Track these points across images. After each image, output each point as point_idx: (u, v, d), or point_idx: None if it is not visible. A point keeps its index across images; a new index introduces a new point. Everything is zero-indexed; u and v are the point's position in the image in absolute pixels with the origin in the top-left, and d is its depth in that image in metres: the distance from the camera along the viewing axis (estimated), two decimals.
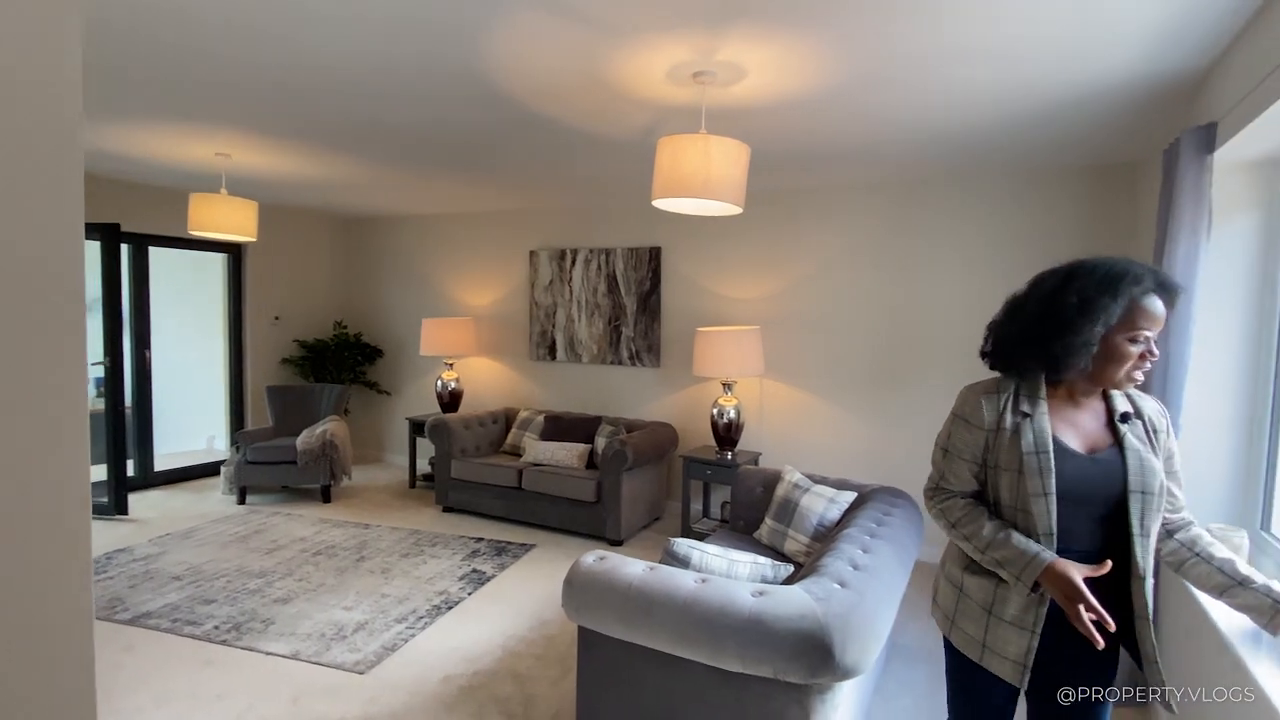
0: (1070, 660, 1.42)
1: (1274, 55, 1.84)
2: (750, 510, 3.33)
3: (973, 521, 1.42)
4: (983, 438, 1.43)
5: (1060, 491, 1.34)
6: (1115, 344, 1.32)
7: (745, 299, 4.67)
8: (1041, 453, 1.34)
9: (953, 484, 1.49)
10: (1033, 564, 1.30)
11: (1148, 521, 1.33)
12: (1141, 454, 1.36)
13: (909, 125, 2.98)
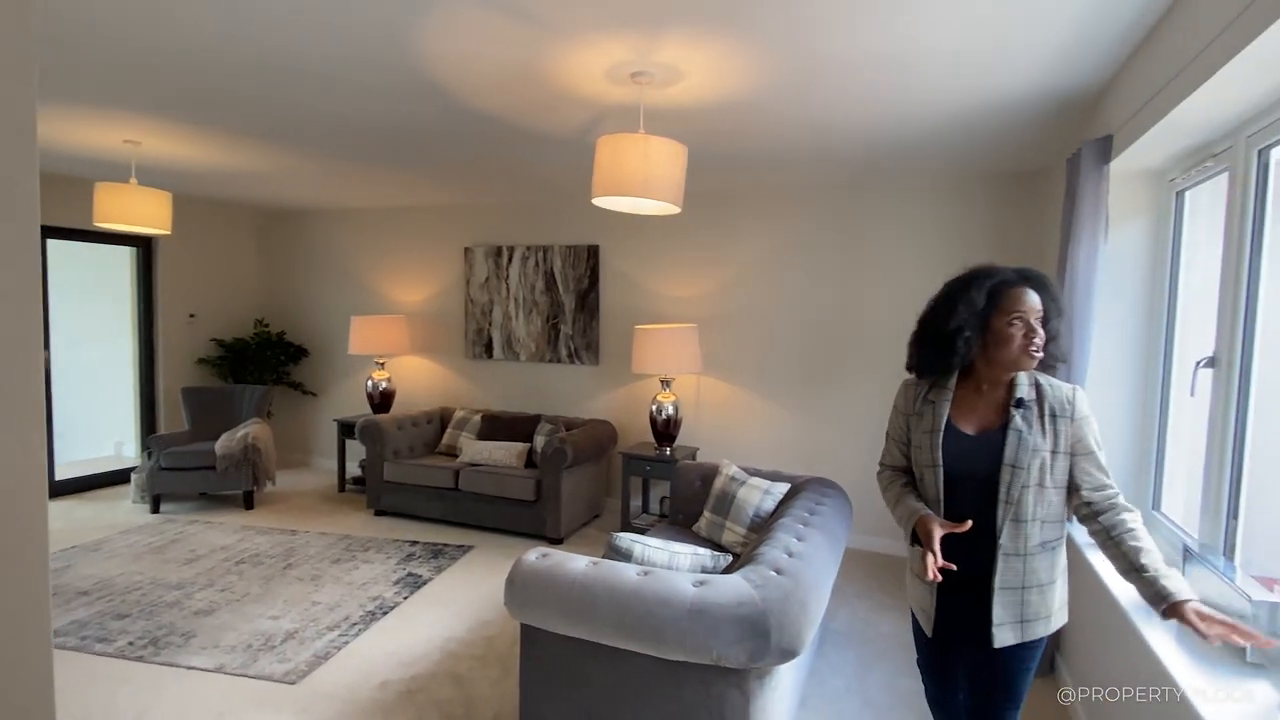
0: (960, 613, 1.63)
1: (1159, 78, 2.02)
2: (689, 504, 3.39)
3: (890, 489, 1.73)
4: (905, 420, 1.71)
5: (946, 465, 1.58)
6: (997, 328, 1.53)
7: (683, 297, 4.75)
8: (934, 432, 1.60)
9: (889, 460, 1.79)
10: (910, 518, 1.59)
11: (1014, 492, 1.52)
12: (1022, 434, 1.53)
13: (837, 130, 3.10)
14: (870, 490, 4.28)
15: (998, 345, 1.54)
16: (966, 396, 1.63)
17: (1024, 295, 1.53)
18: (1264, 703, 1.45)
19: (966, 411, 1.61)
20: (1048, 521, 1.55)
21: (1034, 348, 1.52)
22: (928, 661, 1.82)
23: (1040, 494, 1.53)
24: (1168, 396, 2.56)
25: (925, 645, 1.78)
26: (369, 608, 3.33)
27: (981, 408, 1.61)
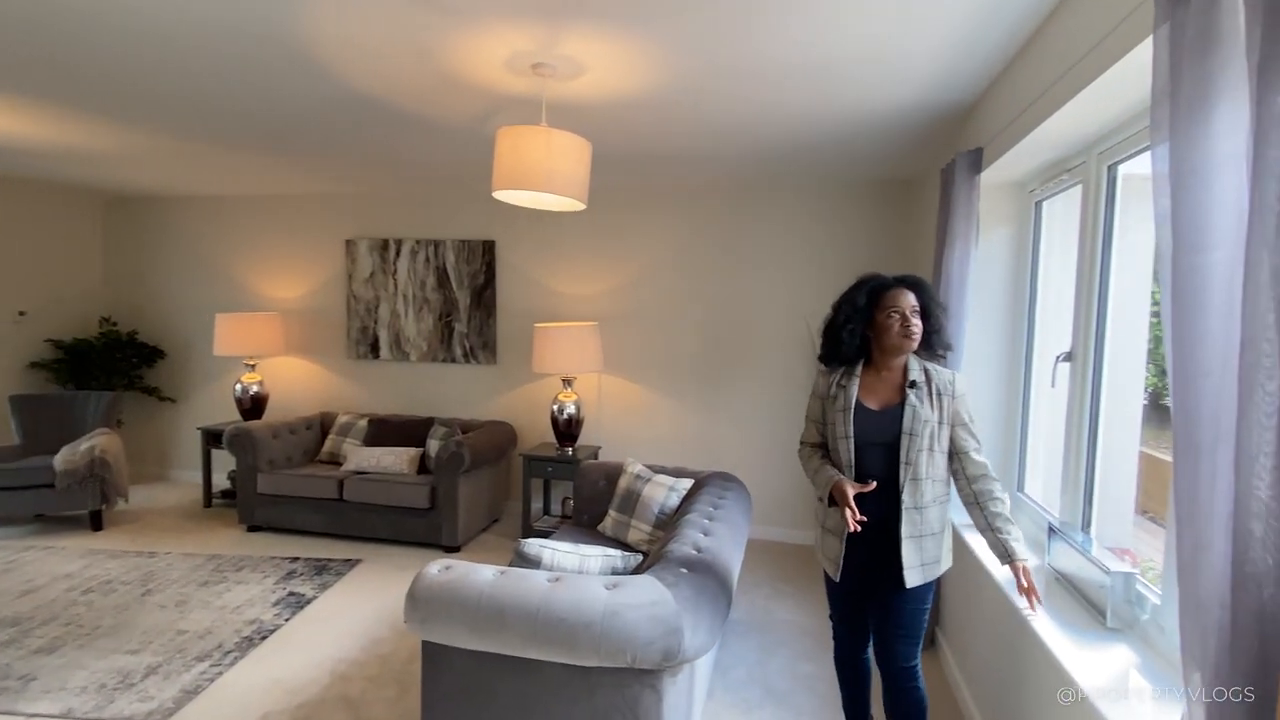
0: (875, 561, 1.93)
1: (1024, 97, 2.20)
2: (593, 504, 3.35)
3: (810, 462, 2.04)
4: (820, 403, 2.05)
5: (856, 436, 1.92)
6: (878, 321, 1.92)
7: (583, 295, 4.70)
8: (846, 409, 1.94)
9: (807, 439, 2.11)
10: (828, 483, 1.89)
11: (912, 455, 1.87)
12: (916, 408, 1.89)
13: (734, 133, 3.17)
14: (767, 482, 4.45)
15: (880, 334, 1.92)
16: (870, 381, 1.98)
17: (898, 293, 1.91)
18: (1122, 662, 1.62)
19: (870, 392, 1.96)
20: (937, 480, 1.91)
21: (909, 334, 1.88)
22: (842, 611, 2.12)
23: (931, 457, 1.89)
24: (1029, 388, 2.82)
25: (840, 596, 2.08)
26: (245, 633, 3.05)
27: (882, 389, 1.96)
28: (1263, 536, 0.90)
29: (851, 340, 1.96)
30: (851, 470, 1.91)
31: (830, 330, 2.02)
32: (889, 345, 1.91)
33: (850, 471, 1.91)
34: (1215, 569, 0.97)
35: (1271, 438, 0.90)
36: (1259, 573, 0.90)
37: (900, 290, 1.93)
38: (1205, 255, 1.03)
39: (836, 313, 2.00)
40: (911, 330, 1.88)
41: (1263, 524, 0.89)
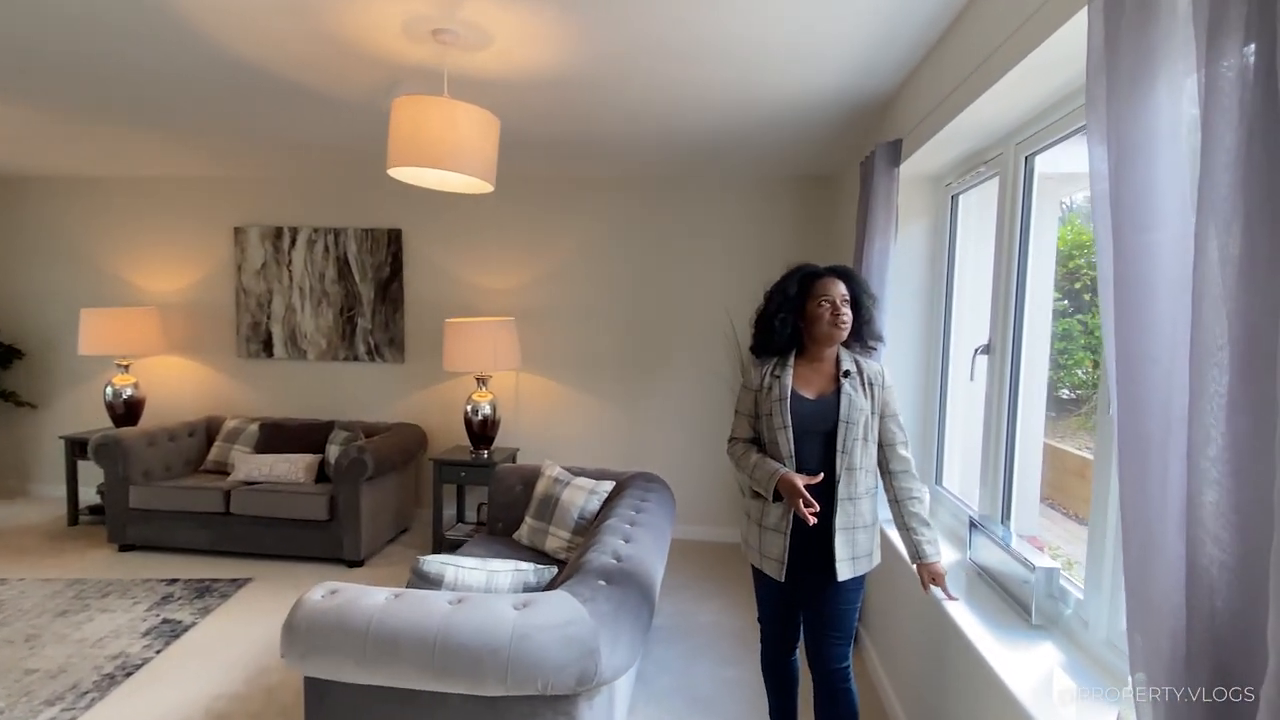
0: (808, 557, 1.88)
1: (943, 87, 2.17)
2: (509, 510, 3.15)
3: (746, 457, 1.95)
4: (753, 396, 1.98)
5: (794, 425, 1.86)
6: (809, 310, 1.90)
7: (498, 289, 4.46)
8: (782, 399, 1.88)
9: (739, 434, 2.03)
10: (772, 477, 1.83)
11: (849, 444, 1.85)
12: (852, 397, 1.87)
13: (653, 121, 3.04)
14: (690, 479, 4.35)
15: (811, 323, 1.90)
16: (804, 371, 1.94)
17: (829, 282, 1.90)
18: (1048, 660, 1.58)
19: (805, 382, 1.92)
20: (869, 471, 1.90)
21: (839, 323, 1.87)
22: (774, 612, 2.04)
23: (865, 447, 1.88)
24: (947, 381, 2.82)
25: (774, 595, 2.00)
26: (107, 669, 2.67)
27: (817, 379, 1.93)
28: (1215, 533, 0.83)
29: (783, 329, 1.93)
30: (792, 462, 1.86)
31: (762, 320, 1.98)
32: (820, 334, 1.89)
33: (791, 463, 1.86)
34: (1168, 567, 0.90)
35: (1222, 425, 0.83)
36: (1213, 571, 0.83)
37: (831, 279, 1.91)
38: (1150, 235, 0.96)
39: (768, 302, 1.97)
40: (842, 319, 1.86)
41: (1215, 517, 0.83)
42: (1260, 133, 0.80)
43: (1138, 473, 0.94)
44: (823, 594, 1.90)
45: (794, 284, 1.93)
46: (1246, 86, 0.81)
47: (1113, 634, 1.52)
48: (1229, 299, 0.82)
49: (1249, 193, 0.81)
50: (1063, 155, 2.02)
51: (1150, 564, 0.91)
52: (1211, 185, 0.84)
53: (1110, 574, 1.52)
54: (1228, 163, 0.83)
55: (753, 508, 1.97)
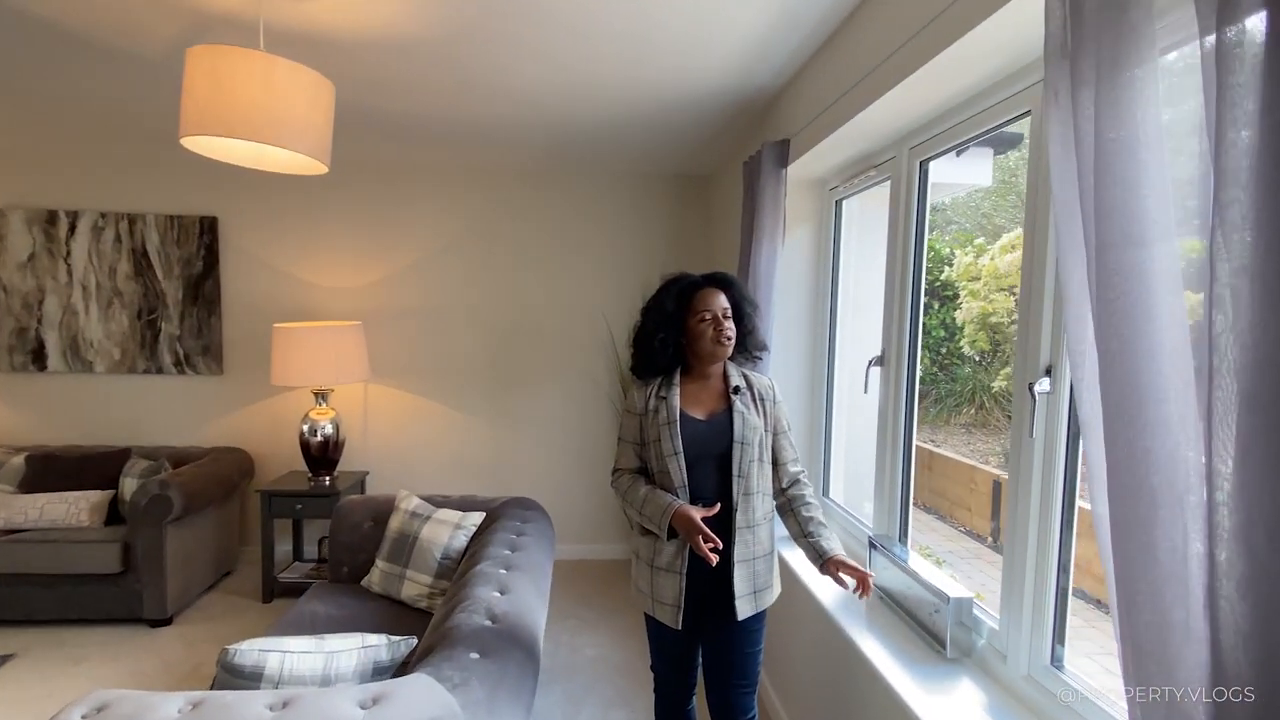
0: (707, 598, 1.71)
1: (838, 85, 2.05)
2: (356, 551, 2.68)
3: (634, 490, 1.75)
4: (637, 420, 1.79)
5: (686, 450, 1.68)
6: (690, 326, 1.74)
7: (342, 288, 3.89)
8: (671, 423, 1.70)
9: (624, 464, 1.82)
10: (665, 512, 1.64)
11: (745, 466, 1.69)
12: (745, 415, 1.72)
13: (519, 104, 2.71)
14: (567, 495, 4.06)
15: (694, 340, 1.74)
16: (691, 389, 1.78)
17: (708, 294, 1.74)
18: (968, 698, 1.48)
19: (694, 402, 1.76)
20: (765, 494, 1.75)
21: (722, 339, 1.72)
22: (670, 660, 1.83)
23: (760, 468, 1.73)
24: (832, 391, 2.76)
25: (670, 642, 1.79)
26: None
27: (706, 397, 1.77)
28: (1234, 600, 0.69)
29: (664, 350, 1.75)
30: (685, 492, 1.68)
31: (640, 340, 1.80)
32: (704, 352, 1.74)
33: (684, 493, 1.68)
34: (1189, 641, 0.75)
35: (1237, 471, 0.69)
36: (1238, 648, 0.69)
37: (710, 290, 1.76)
38: (1143, 250, 0.82)
39: (645, 320, 1.79)
40: (724, 335, 1.72)
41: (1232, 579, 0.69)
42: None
43: (1141, 535, 0.78)
44: (723, 637, 1.73)
45: (671, 299, 1.75)
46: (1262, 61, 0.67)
47: (1034, 669, 1.43)
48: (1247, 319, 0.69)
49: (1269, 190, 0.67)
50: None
51: (1165, 639, 0.76)
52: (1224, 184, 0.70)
53: (1030, 607, 1.44)
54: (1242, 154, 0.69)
55: (643, 546, 1.76)
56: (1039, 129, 1.44)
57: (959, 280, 7.99)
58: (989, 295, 7.64)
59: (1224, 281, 0.71)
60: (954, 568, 5.77)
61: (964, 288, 7.92)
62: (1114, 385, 0.83)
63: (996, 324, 7.71)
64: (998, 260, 7.56)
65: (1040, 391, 1.40)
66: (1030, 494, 1.43)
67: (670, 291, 1.76)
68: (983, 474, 7.01)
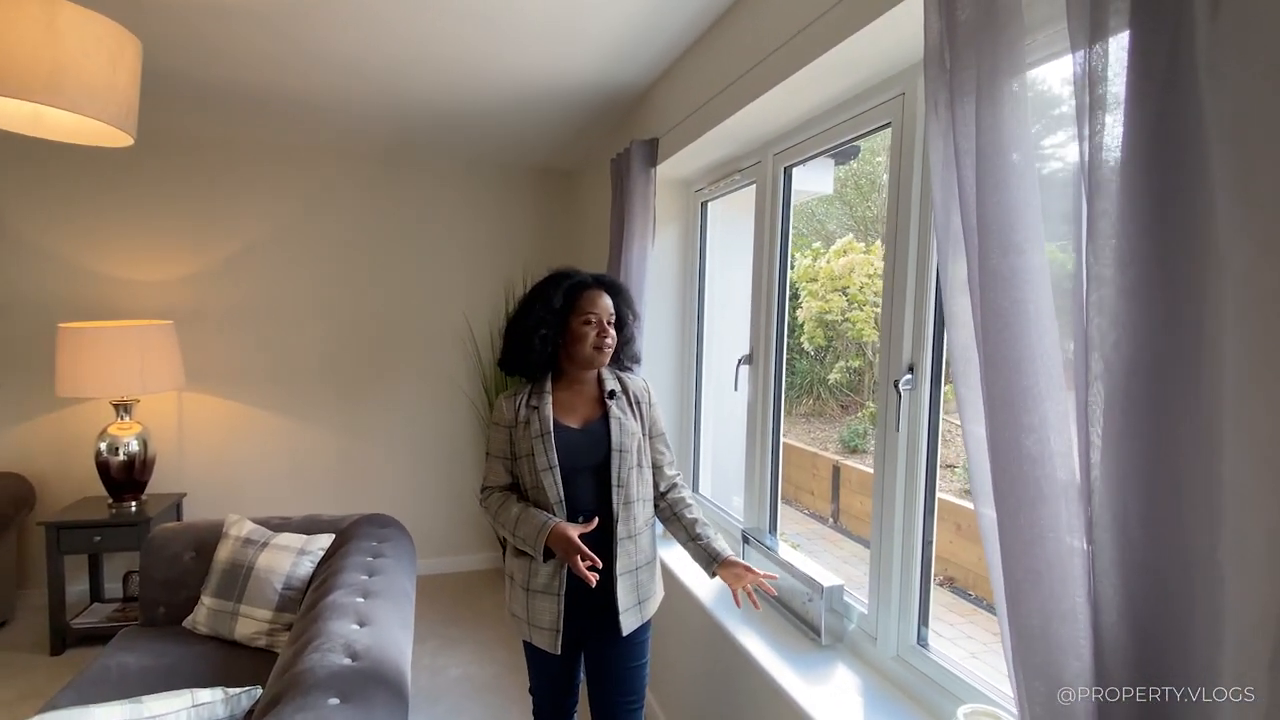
0: (587, 615, 1.62)
1: (709, 86, 2.07)
2: (175, 588, 2.31)
3: (505, 509, 1.63)
4: (506, 434, 1.66)
5: (561, 463, 1.58)
6: (573, 327, 1.63)
7: (149, 281, 3.35)
8: (545, 434, 1.60)
9: (494, 481, 1.70)
10: (541, 532, 1.53)
11: (624, 475, 1.62)
12: (622, 421, 1.65)
13: (364, 77, 2.48)
14: (427, 509, 3.80)
15: (573, 343, 1.64)
16: (564, 397, 1.68)
17: (596, 296, 1.65)
18: (841, 680, 1.54)
19: (567, 410, 1.67)
20: (646, 501, 1.69)
21: (604, 346, 1.63)
22: (550, 683, 1.73)
23: (640, 474, 1.67)
24: (701, 391, 2.80)
25: (549, 665, 1.69)
26: None
27: (580, 404, 1.68)
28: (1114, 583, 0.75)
29: (544, 348, 1.64)
30: (562, 508, 1.58)
31: (518, 333, 1.66)
32: (582, 357, 1.64)
33: (561, 509, 1.58)
34: (1073, 628, 0.80)
35: (1109, 463, 0.75)
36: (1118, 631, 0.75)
37: (599, 293, 1.67)
38: (1022, 258, 0.87)
39: (527, 313, 1.65)
40: (606, 342, 1.64)
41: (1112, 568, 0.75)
42: (1148, 138, 0.73)
43: (1026, 530, 0.83)
44: (608, 653, 1.66)
45: (560, 295, 1.64)
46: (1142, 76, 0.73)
47: (902, 649, 1.52)
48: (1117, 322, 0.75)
49: (1132, 206, 0.73)
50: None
51: (1049, 626, 0.81)
52: (1095, 194, 0.76)
53: (898, 592, 1.53)
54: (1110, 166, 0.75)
55: (517, 568, 1.65)
56: (898, 140, 1.53)
57: (799, 281, 8.54)
58: (825, 295, 8.25)
59: (1095, 287, 0.76)
60: (803, 549, 6.18)
61: (804, 288, 8.49)
62: (995, 385, 0.88)
63: (831, 321, 8.35)
64: (833, 263, 8.19)
65: (904, 388, 1.49)
66: (896, 485, 1.52)
67: (559, 286, 1.65)
68: (823, 460, 7.57)
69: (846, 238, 8.65)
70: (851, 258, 8.01)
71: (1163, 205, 0.72)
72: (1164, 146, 0.72)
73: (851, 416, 8.85)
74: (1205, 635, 0.69)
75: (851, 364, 9.12)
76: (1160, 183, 0.72)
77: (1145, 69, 0.73)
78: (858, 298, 8.06)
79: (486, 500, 1.69)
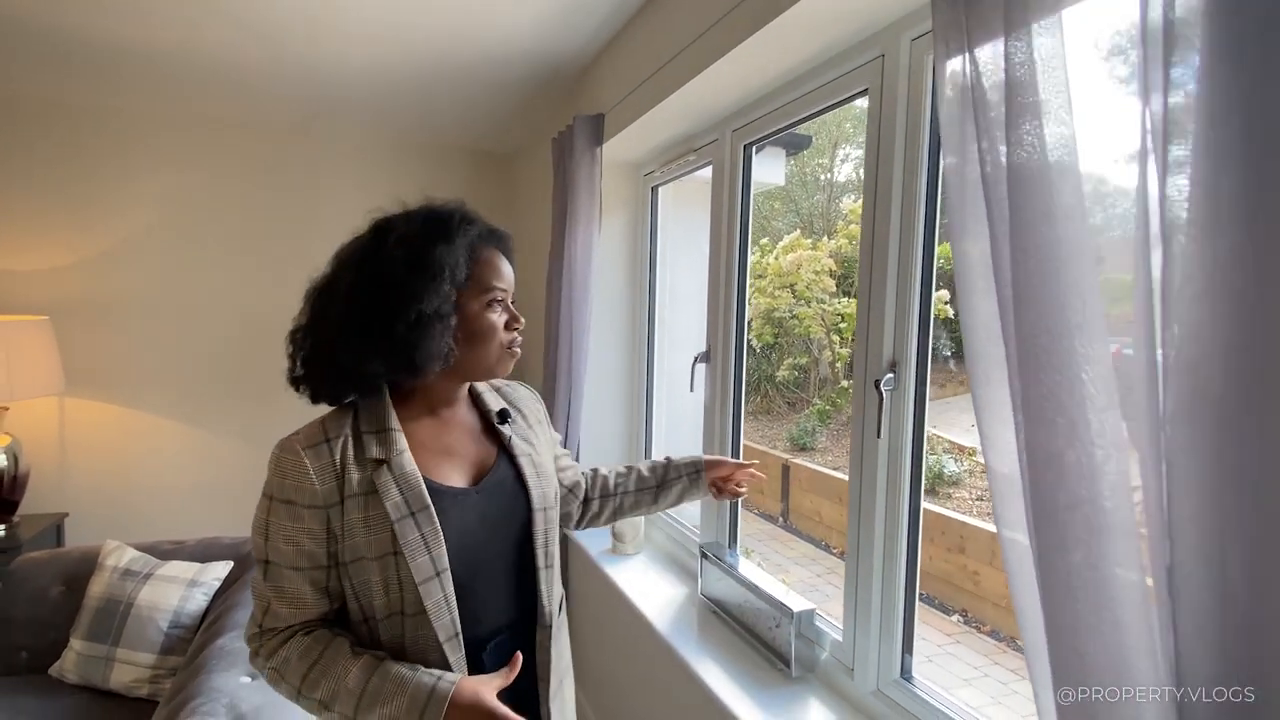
0: None
1: (651, 59, 1.87)
2: (41, 629, 1.96)
3: (329, 674, 0.86)
4: (322, 519, 0.88)
5: (455, 556, 0.90)
6: (474, 315, 0.95)
7: (19, 271, 2.92)
8: (419, 511, 0.88)
9: (286, 616, 0.90)
10: (428, 712, 0.82)
11: (551, 546, 1.03)
12: (534, 458, 1.05)
13: (272, 38, 2.18)
14: None
15: (474, 339, 0.96)
16: (427, 435, 0.97)
17: (501, 265, 1.01)
18: (813, 719, 1.37)
19: (439, 457, 0.97)
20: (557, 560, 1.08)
21: (517, 344, 1.01)
22: None
23: (556, 533, 1.07)
24: (653, 389, 2.60)
25: None
26: None
27: (458, 444, 1.00)
28: None
29: (437, 341, 0.91)
30: (459, 641, 0.91)
31: (385, 315, 0.90)
32: (481, 365, 0.99)
33: (458, 644, 0.91)
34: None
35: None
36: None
37: (499, 255, 1.03)
38: (1065, 225, 0.69)
39: (401, 270, 0.92)
40: (518, 338, 1.02)
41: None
42: (1233, 75, 0.56)
43: (1072, 559, 0.66)
44: None
45: (462, 243, 0.96)
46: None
47: (883, 683, 1.35)
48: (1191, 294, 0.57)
49: (1217, 162, 0.57)
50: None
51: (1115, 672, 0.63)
52: (1167, 147, 0.59)
53: (878, 618, 1.36)
54: (1180, 115, 0.58)
55: None
56: (877, 111, 1.35)
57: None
58: (773, 292, 8.20)
59: (1172, 263, 0.59)
60: (754, 550, 6.07)
61: (752, 285, 8.44)
62: (1033, 388, 0.70)
63: (779, 319, 8.30)
64: (780, 260, 8.14)
65: (886, 389, 1.32)
66: (875, 498, 1.35)
67: (460, 229, 0.98)
68: (773, 459, 7.51)
69: (794, 234, 8.63)
70: (799, 254, 7.98)
71: (1257, 161, 0.56)
72: (1259, 81, 0.55)
73: (799, 414, 8.84)
74: None
75: (799, 361, 9.12)
76: (1250, 133, 0.55)
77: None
78: (805, 294, 8.03)
79: (273, 657, 0.90)
